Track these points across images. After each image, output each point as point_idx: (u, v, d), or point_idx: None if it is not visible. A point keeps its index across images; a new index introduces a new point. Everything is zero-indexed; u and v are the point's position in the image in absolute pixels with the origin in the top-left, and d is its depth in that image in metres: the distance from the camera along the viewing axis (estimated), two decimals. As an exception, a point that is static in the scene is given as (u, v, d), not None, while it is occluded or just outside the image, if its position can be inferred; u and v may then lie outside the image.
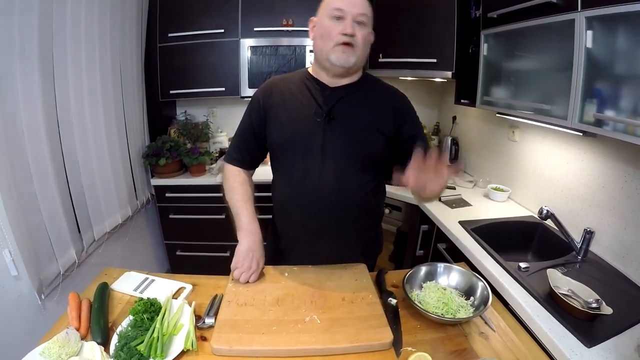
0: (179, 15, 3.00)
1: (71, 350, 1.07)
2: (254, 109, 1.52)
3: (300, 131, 1.42)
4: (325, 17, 1.34)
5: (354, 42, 1.32)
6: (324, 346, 1.11)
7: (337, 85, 1.44)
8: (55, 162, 1.97)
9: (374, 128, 1.43)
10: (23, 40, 1.72)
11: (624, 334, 1.29)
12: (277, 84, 1.51)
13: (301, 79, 1.49)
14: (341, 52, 1.33)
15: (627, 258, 1.69)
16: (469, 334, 1.20)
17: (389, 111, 1.46)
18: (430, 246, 2.47)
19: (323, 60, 1.38)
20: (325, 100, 1.42)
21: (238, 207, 1.50)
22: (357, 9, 1.30)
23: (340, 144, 1.41)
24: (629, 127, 1.32)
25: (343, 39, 1.31)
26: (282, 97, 1.47)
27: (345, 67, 1.36)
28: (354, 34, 1.31)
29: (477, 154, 3.05)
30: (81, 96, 2.21)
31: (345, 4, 1.30)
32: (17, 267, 1.70)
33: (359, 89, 1.46)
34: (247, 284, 1.38)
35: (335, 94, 1.43)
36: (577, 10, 1.47)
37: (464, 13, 2.48)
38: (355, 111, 1.43)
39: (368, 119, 1.43)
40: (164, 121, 3.40)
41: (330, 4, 1.32)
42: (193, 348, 1.11)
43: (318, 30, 1.37)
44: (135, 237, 3.03)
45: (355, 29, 1.31)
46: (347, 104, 1.43)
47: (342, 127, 1.41)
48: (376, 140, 1.44)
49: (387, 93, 1.51)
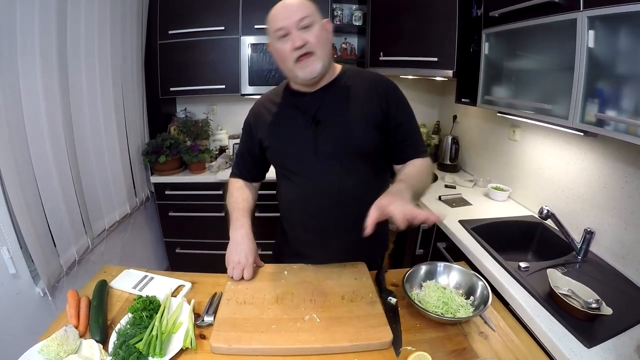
0: (179, 12, 2.99)
1: (70, 348, 1.07)
2: (247, 132, 1.59)
3: (292, 141, 1.45)
4: (274, 41, 1.33)
5: (309, 49, 1.30)
6: (324, 345, 1.10)
7: (315, 89, 1.43)
8: (58, 160, 1.98)
9: (361, 121, 1.40)
10: (24, 37, 1.72)
11: (624, 335, 1.29)
12: (263, 103, 1.55)
13: (283, 93, 1.51)
14: (304, 66, 1.31)
15: (627, 258, 1.69)
16: (468, 334, 1.20)
17: (373, 98, 1.41)
18: (430, 245, 2.46)
19: (293, 78, 1.40)
20: (307, 107, 1.42)
21: (232, 206, 1.55)
22: (295, 16, 1.28)
23: (332, 145, 1.40)
24: (630, 127, 1.32)
25: (297, 54, 1.29)
26: (270, 113, 1.50)
27: (314, 76, 1.34)
28: (304, 43, 1.28)
29: (478, 153, 3.04)
30: (81, 93, 2.21)
31: (284, 20, 1.28)
32: (15, 264, 1.70)
33: (337, 86, 1.44)
34: (246, 283, 1.38)
35: (315, 98, 1.42)
36: (579, 10, 1.47)
37: (466, 12, 2.47)
38: (339, 110, 1.41)
39: (353, 113, 1.40)
40: (164, 118, 3.39)
41: (272, 28, 1.32)
42: (192, 346, 1.11)
43: (276, 55, 1.37)
44: (135, 235, 3.03)
45: (303, 36, 1.28)
46: (330, 105, 1.41)
47: (330, 129, 1.40)
48: (366, 134, 1.40)
49: (369, 81, 1.46)
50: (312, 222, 1.51)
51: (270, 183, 1.67)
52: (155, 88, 3.16)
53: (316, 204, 1.46)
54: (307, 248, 1.59)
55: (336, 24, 3.22)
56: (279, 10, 1.31)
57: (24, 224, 1.71)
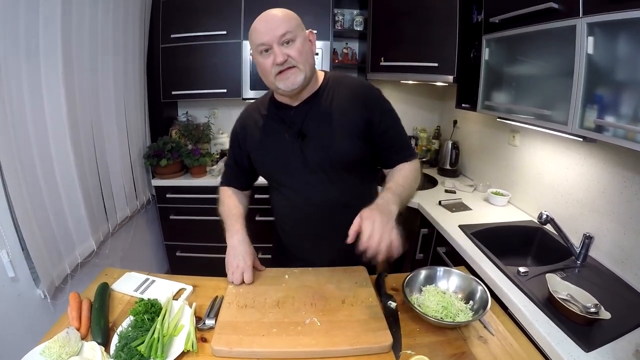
0: (181, 16, 3.01)
1: (71, 350, 1.07)
2: (234, 142, 1.61)
3: (280, 155, 1.46)
4: (256, 55, 1.34)
5: (291, 64, 1.30)
6: (324, 348, 1.11)
7: (300, 102, 1.44)
8: (61, 163, 1.99)
9: (346, 133, 1.41)
10: (29, 40, 1.73)
11: (622, 339, 1.30)
12: (249, 114, 1.56)
13: (269, 105, 1.51)
14: (285, 79, 1.32)
15: (626, 263, 1.70)
16: (468, 338, 1.20)
17: (357, 108, 1.42)
18: (430, 250, 2.47)
19: (275, 89, 1.40)
20: (292, 121, 1.44)
21: (225, 214, 1.56)
22: (278, 31, 1.28)
23: (318, 157, 1.42)
24: (629, 133, 1.33)
25: (278, 68, 1.30)
26: (257, 126, 1.51)
27: (296, 88, 1.34)
28: (285, 59, 1.29)
29: (478, 158, 3.05)
30: (85, 96, 2.22)
31: (267, 35, 1.28)
32: (14, 268, 1.71)
33: (321, 97, 1.44)
34: (247, 286, 1.38)
35: (300, 112, 1.43)
36: (578, 17, 1.48)
37: (466, 18, 2.49)
38: (323, 122, 1.42)
39: (338, 125, 1.41)
40: (165, 122, 3.40)
41: (255, 42, 1.32)
42: (193, 349, 1.11)
43: (258, 67, 1.38)
44: (136, 238, 3.04)
45: (285, 50, 1.29)
46: (314, 118, 1.42)
47: (316, 141, 1.42)
48: (351, 145, 1.42)
49: (351, 90, 1.46)
50: (303, 231, 1.57)
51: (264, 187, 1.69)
52: (157, 91, 3.17)
53: (306, 213, 1.50)
54: (301, 253, 1.61)
55: (337, 29, 3.24)
56: (261, 24, 1.31)
57: (26, 227, 1.72)
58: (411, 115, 3.71)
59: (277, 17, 1.31)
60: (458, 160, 3.23)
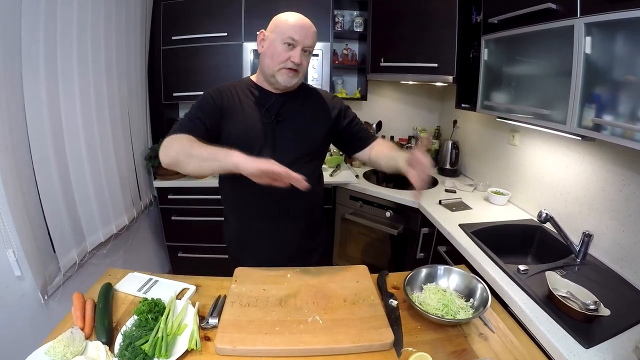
0: (182, 18, 3.02)
1: (76, 349, 1.08)
2: (207, 104, 1.52)
3: (254, 132, 1.54)
4: (278, 40, 1.47)
5: (298, 69, 1.50)
6: (326, 346, 1.12)
7: (281, 92, 1.60)
8: (60, 164, 1.99)
9: (316, 126, 1.64)
10: (29, 43, 1.74)
11: (622, 335, 1.31)
12: (227, 88, 1.61)
13: (247, 87, 1.62)
14: (287, 75, 1.50)
15: (625, 261, 1.71)
16: (468, 335, 1.22)
17: (327, 109, 1.67)
18: (430, 249, 2.48)
19: (269, 76, 1.54)
20: (272, 105, 1.58)
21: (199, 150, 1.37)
22: (308, 40, 1.48)
23: (289, 141, 1.57)
24: (627, 132, 1.34)
25: (290, 65, 1.48)
26: (234, 100, 1.57)
27: (288, 87, 1.55)
28: (300, 63, 1.48)
29: (478, 158, 3.06)
30: (88, 98, 2.23)
31: (300, 36, 1.45)
32: (20, 267, 1.71)
33: (299, 95, 1.64)
34: (249, 285, 1.39)
35: (280, 99, 1.59)
36: (576, 17, 1.49)
37: (465, 18, 2.51)
38: (298, 112, 1.62)
39: (310, 118, 1.63)
40: (167, 123, 3.40)
41: (286, 32, 1.46)
42: (197, 348, 1.13)
43: (268, 48, 1.51)
44: (138, 239, 3.05)
45: (302, 57, 1.48)
46: (291, 107, 1.61)
47: (289, 127, 1.58)
48: (318, 136, 1.64)
49: (322, 97, 1.70)
50: (261, 210, 1.63)
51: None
52: (159, 93, 3.18)
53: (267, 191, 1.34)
54: (255, 236, 1.69)
55: (337, 30, 3.25)
56: (300, 24, 1.47)
57: (25, 228, 1.73)
58: (411, 115, 3.72)
59: (312, 29, 1.51)
60: (458, 160, 3.24)
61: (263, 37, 1.54)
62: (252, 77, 1.67)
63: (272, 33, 1.50)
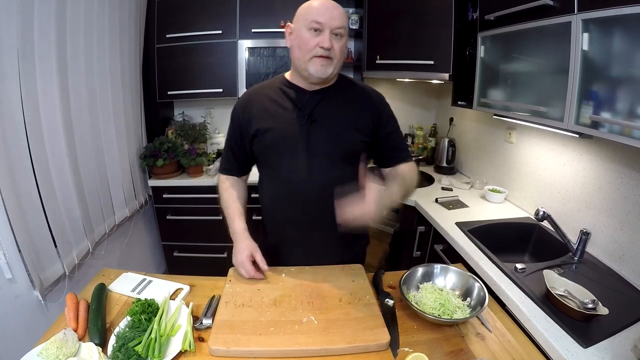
0: (176, 16, 3.00)
1: (69, 350, 1.07)
2: (235, 122, 1.58)
3: (286, 133, 1.47)
4: (303, 27, 1.37)
5: (331, 55, 1.37)
6: (321, 347, 1.11)
7: (315, 89, 1.49)
8: (57, 163, 1.98)
9: (352, 127, 1.49)
10: (24, 42, 1.72)
11: (620, 334, 1.30)
12: (254, 93, 1.57)
13: (279, 85, 1.53)
14: (319, 65, 1.37)
15: (623, 259, 1.71)
16: (465, 335, 1.21)
17: (367, 111, 1.52)
18: (427, 247, 2.47)
19: (301, 69, 1.43)
20: (305, 104, 1.48)
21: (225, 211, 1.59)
22: (336, 21, 1.34)
23: (323, 143, 1.47)
24: (625, 129, 1.33)
25: (320, 52, 1.35)
26: (263, 104, 1.51)
27: (322, 78, 1.40)
28: (331, 47, 1.35)
29: (474, 156, 3.06)
30: (80, 96, 2.21)
31: (325, 17, 1.33)
32: (11, 269, 1.70)
33: (336, 91, 1.52)
34: (244, 285, 1.38)
35: (314, 97, 1.48)
36: (573, 13, 1.48)
37: (461, 15, 2.49)
38: (334, 112, 1.49)
39: (347, 119, 1.50)
40: (162, 122, 3.39)
41: (308, 16, 1.35)
42: (191, 349, 1.11)
43: (296, 39, 1.41)
44: (133, 238, 3.03)
45: (332, 41, 1.35)
46: (327, 106, 1.49)
47: (324, 128, 1.47)
48: (355, 139, 1.50)
49: (363, 93, 1.56)
50: (297, 216, 1.56)
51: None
52: (153, 91, 3.16)
53: (301, 197, 1.51)
54: (288, 245, 1.63)
55: (333, 27, 3.23)
56: (321, 6, 1.36)
57: (19, 228, 1.71)
58: (407, 113, 3.71)
59: (338, 9, 1.38)
60: (454, 158, 3.23)
61: (290, 30, 1.45)
62: (287, 74, 1.56)
63: (296, 23, 1.41)
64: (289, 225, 1.59)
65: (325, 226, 1.53)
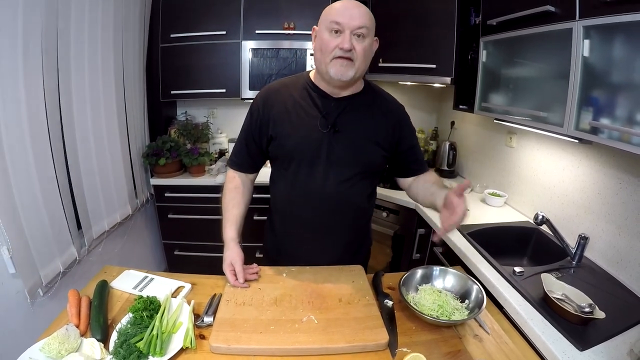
0: (181, 16, 3.01)
1: (71, 346, 1.08)
2: (254, 117, 1.53)
3: (307, 141, 1.44)
4: (324, 29, 1.34)
5: (352, 56, 1.32)
6: (321, 346, 1.12)
7: (341, 96, 1.46)
8: (58, 160, 1.99)
9: (375, 141, 1.47)
10: (27, 39, 1.73)
11: (617, 338, 1.31)
12: (277, 90, 1.52)
13: (303, 86, 1.49)
14: (339, 66, 1.33)
15: (620, 264, 1.71)
16: (463, 336, 1.22)
17: (390, 125, 1.50)
18: (426, 250, 2.48)
19: (323, 72, 1.39)
20: (329, 112, 1.44)
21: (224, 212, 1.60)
22: (355, 21, 1.29)
23: (344, 154, 1.45)
24: (624, 135, 1.34)
25: (340, 53, 1.31)
26: (285, 105, 1.47)
27: (343, 80, 1.36)
28: (351, 48, 1.30)
29: (475, 160, 3.07)
30: (83, 95, 2.23)
31: (344, 18, 1.29)
32: (15, 264, 1.71)
33: (361, 100, 1.48)
34: (245, 284, 1.40)
35: (340, 105, 1.45)
36: (575, 20, 1.50)
37: (464, 20, 2.50)
38: (358, 123, 1.46)
39: (370, 131, 1.47)
40: (165, 121, 3.40)
41: (329, 17, 1.32)
42: (192, 346, 1.12)
43: (317, 42, 1.38)
44: (134, 236, 3.04)
45: (353, 42, 1.31)
46: (351, 116, 1.45)
47: (346, 139, 1.44)
48: (376, 153, 1.49)
49: (388, 106, 1.54)
50: (309, 221, 1.55)
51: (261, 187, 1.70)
52: (156, 91, 3.17)
53: (316, 204, 1.50)
54: (296, 245, 1.62)
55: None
56: (343, 6, 1.32)
57: (19, 225, 1.73)
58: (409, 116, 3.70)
59: (361, 8, 1.34)
60: (455, 161, 3.24)
61: (315, 34, 1.41)
62: (311, 74, 1.52)
63: (319, 25, 1.38)
64: (299, 226, 1.58)
65: (336, 232, 1.56)
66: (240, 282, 1.39)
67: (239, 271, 1.40)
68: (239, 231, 1.56)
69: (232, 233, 1.53)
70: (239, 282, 1.39)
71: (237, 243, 1.51)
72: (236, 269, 1.41)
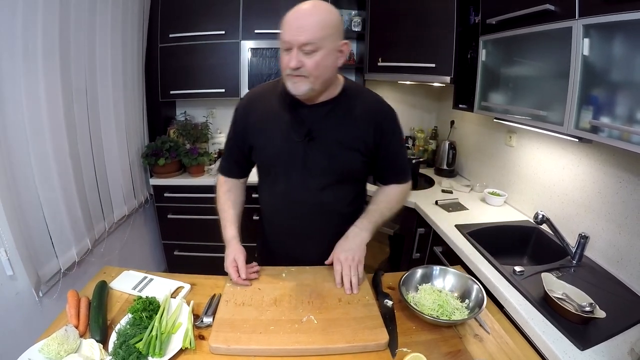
0: (180, 15, 3.02)
1: (70, 347, 1.07)
2: (237, 125, 1.55)
3: (282, 151, 1.45)
4: (281, 48, 1.30)
5: (302, 73, 1.27)
6: (321, 346, 1.12)
7: (315, 103, 1.41)
8: (59, 161, 1.99)
9: (351, 146, 1.43)
10: (27, 40, 1.73)
11: (617, 338, 1.31)
12: (257, 98, 1.53)
13: (280, 92, 1.44)
14: (292, 83, 1.30)
15: (621, 263, 1.71)
16: (463, 336, 1.21)
17: (370, 128, 1.44)
18: (426, 249, 2.48)
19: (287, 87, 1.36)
20: (303, 120, 1.41)
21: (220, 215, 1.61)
22: (302, 37, 1.22)
23: (320, 162, 1.43)
24: (624, 134, 1.34)
25: (289, 71, 1.28)
26: (263, 113, 1.48)
27: (298, 95, 1.33)
28: (299, 66, 1.25)
29: (475, 159, 3.07)
30: (82, 94, 2.22)
31: (290, 35, 1.24)
32: (12, 266, 1.70)
33: (338, 105, 1.43)
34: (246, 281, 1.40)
35: (314, 113, 1.41)
36: (574, 18, 1.49)
37: (464, 19, 2.50)
38: (334, 130, 1.42)
39: (347, 137, 1.42)
40: (164, 121, 3.40)
41: (282, 33, 1.27)
42: (191, 346, 1.12)
43: None
44: (133, 237, 3.04)
45: (302, 58, 1.25)
46: (327, 123, 1.42)
47: (321, 146, 1.42)
48: (354, 159, 1.46)
49: (369, 107, 1.47)
50: (291, 228, 1.59)
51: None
52: (156, 91, 3.17)
53: (296, 212, 1.54)
54: (283, 249, 1.65)
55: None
56: (292, 21, 1.25)
57: (18, 226, 1.72)
58: (409, 115, 3.72)
59: (312, 18, 1.24)
60: (455, 161, 3.24)
61: None
62: None
63: None
64: (282, 232, 1.63)
65: (318, 237, 1.57)
66: (242, 277, 1.39)
67: (241, 267, 1.40)
68: (238, 230, 1.55)
69: (232, 232, 1.53)
70: (241, 278, 1.39)
71: (238, 241, 1.50)
72: (239, 264, 1.41)
